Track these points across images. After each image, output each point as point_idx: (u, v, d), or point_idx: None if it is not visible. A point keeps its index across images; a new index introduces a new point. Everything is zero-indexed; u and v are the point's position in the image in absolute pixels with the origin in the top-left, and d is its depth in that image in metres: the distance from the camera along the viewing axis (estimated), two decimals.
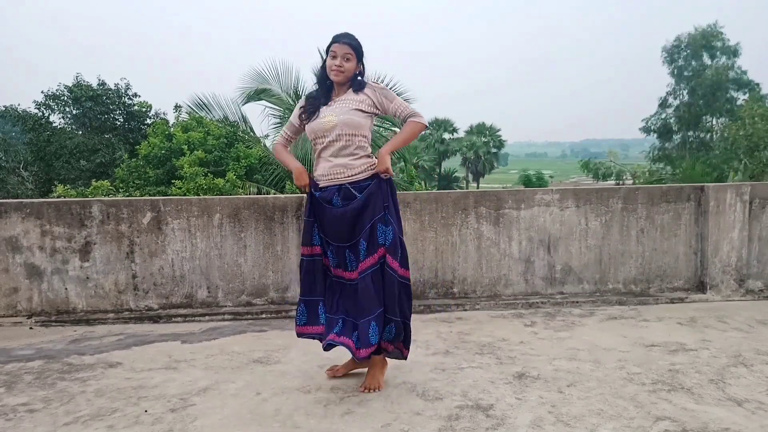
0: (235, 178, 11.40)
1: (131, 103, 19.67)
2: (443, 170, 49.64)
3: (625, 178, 35.32)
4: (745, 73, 31.97)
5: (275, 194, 9.60)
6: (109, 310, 4.12)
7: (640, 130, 35.15)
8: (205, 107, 13.00)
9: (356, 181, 2.68)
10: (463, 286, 4.36)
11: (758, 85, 31.46)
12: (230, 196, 7.47)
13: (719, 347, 3.31)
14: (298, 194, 4.29)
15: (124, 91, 19.52)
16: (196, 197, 4.36)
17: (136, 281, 4.13)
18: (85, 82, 19.29)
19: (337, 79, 2.71)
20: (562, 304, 4.28)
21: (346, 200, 2.68)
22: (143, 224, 4.11)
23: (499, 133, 52.13)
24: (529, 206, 4.36)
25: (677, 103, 33.46)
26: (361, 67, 2.76)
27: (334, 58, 2.68)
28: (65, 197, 9.93)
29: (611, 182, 34.74)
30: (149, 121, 19.20)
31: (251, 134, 13.37)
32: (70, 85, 19.13)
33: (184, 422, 2.44)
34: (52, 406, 2.63)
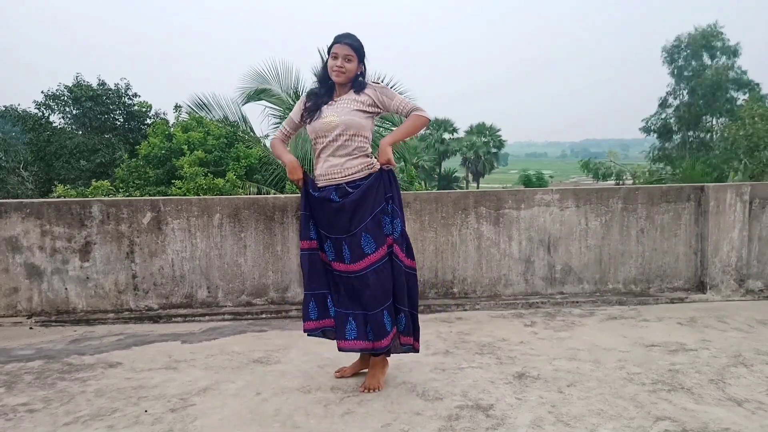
0: (235, 178, 11.40)
1: (131, 103, 19.68)
2: (443, 170, 49.62)
3: (625, 178, 35.30)
4: (745, 73, 31.97)
5: (275, 194, 9.60)
6: (109, 310, 4.12)
7: (640, 130, 35.15)
8: (205, 107, 13.01)
9: (352, 180, 2.69)
10: (463, 286, 4.36)
11: (758, 85, 31.46)
12: (230, 196, 7.47)
13: (719, 347, 3.31)
14: (298, 194, 4.28)
15: (124, 91, 19.53)
16: (196, 197, 4.36)
17: (136, 281, 4.14)
18: (85, 82, 19.30)
19: (338, 79, 2.72)
20: (562, 304, 4.28)
21: (343, 197, 2.69)
22: (143, 224, 4.11)
23: (499, 133, 52.13)
24: (529, 206, 4.36)
25: (677, 103, 33.44)
26: (362, 67, 2.76)
27: (335, 58, 2.69)
28: (65, 197, 9.93)
29: (611, 182, 34.71)
30: (149, 121, 19.20)
31: (251, 134, 13.37)
32: (70, 85, 19.15)
33: (184, 422, 2.45)
34: (52, 406, 2.63)
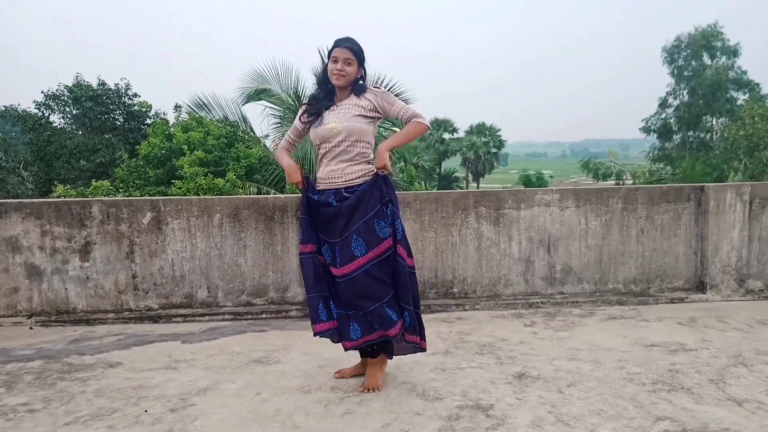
0: (235, 178, 11.41)
1: (131, 103, 19.68)
2: (443, 170, 49.62)
3: (625, 178, 35.28)
4: (745, 73, 31.96)
5: (275, 194, 9.60)
6: (109, 310, 4.12)
7: (640, 130, 35.14)
8: (205, 107, 13.01)
9: (351, 186, 2.71)
10: (463, 286, 4.36)
11: (758, 85, 31.45)
12: (230, 196, 7.47)
13: (719, 347, 3.31)
14: (297, 194, 4.28)
15: (124, 91, 19.53)
16: (196, 197, 4.36)
17: (136, 281, 4.14)
18: (85, 82, 19.30)
19: (338, 83, 2.73)
20: (562, 304, 4.28)
21: (341, 202, 2.71)
22: (143, 224, 4.11)
23: (499, 133, 52.14)
24: (529, 206, 4.36)
25: (677, 103, 33.43)
26: (362, 71, 2.78)
27: (335, 62, 2.70)
28: (65, 197, 9.93)
29: (611, 182, 34.68)
30: (149, 121, 19.20)
31: (251, 134, 13.37)
32: (70, 85, 19.15)
33: (184, 422, 2.45)
34: (52, 406, 2.63)
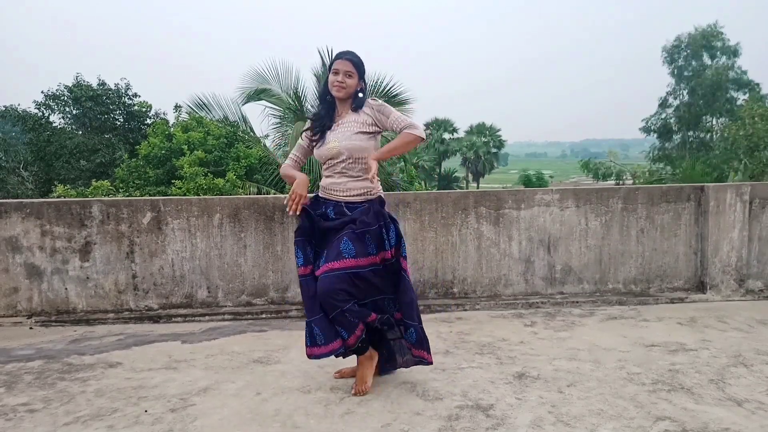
0: (235, 178, 11.41)
1: (131, 103, 19.68)
2: (443, 170, 49.60)
3: (625, 178, 35.27)
4: (745, 73, 31.94)
5: (275, 194, 9.60)
6: (109, 310, 4.12)
7: (640, 130, 35.12)
8: (205, 107, 13.00)
9: (351, 202, 2.72)
10: (463, 286, 4.36)
11: (758, 85, 31.43)
12: (230, 196, 7.47)
13: (719, 347, 3.31)
14: None
15: (124, 91, 19.52)
16: (196, 197, 4.36)
17: (136, 281, 4.14)
18: (85, 82, 19.29)
19: (338, 94, 2.74)
20: (562, 304, 4.28)
21: (338, 216, 2.72)
22: (143, 224, 4.11)
23: (499, 133, 52.12)
24: (529, 206, 4.36)
25: (677, 103, 33.42)
26: (362, 84, 2.79)
27: (336, 74, 2.72)
28: (65, 197, 9.93)
29: (611, 182, 34.68)
30: (149, 121, 19.20)
31: (251, 134, 13.37)
32: (70, 85, 19.14)
33: (184, 422, 2.45)
34: (52, 406, 2.63)
